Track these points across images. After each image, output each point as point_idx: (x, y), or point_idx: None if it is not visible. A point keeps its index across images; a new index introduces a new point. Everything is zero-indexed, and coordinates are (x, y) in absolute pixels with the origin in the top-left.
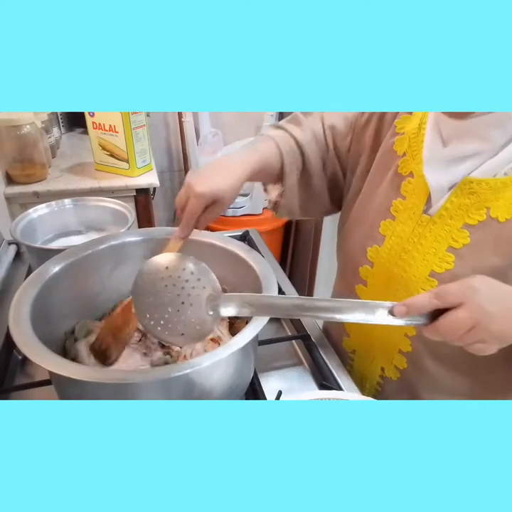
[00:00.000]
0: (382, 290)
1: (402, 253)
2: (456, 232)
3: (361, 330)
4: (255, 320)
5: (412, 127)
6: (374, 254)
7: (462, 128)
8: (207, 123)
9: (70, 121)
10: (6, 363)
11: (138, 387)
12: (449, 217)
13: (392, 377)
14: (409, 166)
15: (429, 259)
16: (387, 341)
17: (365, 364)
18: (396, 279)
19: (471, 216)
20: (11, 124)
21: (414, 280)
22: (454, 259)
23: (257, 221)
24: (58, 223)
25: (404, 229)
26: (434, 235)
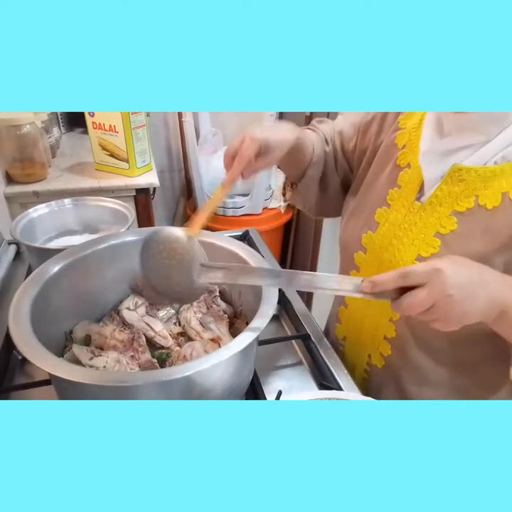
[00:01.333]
0: (372, 275)
1: (393, 239)
2: (444, 218)
3: (352, 316)
4: (256, 321)
5: (413, 122)
6: (368, 241)
7: (463, 122)
8: (207, 123)
9: (70, 121)
10: (6, 362)
11: (138, 389)
12: (438, 204)
13: (377, 364)
14: (407, 158)
15: (416, 244)
16: (374, 327)
17: (354, 351)
18: (386, 264)
19: (459, 203)
20: (11, 124)
21: (402, 264)
22: (439, 244)
23: (257, 221)
24: (58, 223)
25: (397, 216)
26: (424, 222)
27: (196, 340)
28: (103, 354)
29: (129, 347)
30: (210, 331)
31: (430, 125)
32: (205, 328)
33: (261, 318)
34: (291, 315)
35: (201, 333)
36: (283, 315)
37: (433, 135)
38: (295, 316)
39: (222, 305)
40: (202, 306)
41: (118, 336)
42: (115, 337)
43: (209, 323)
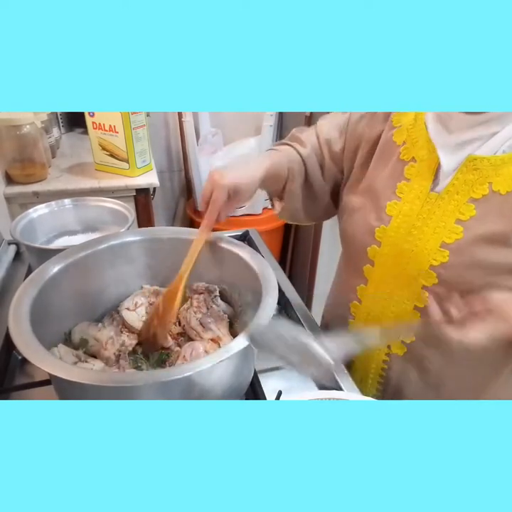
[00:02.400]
0: (390, 268)
1: (412, 229)
2: (463, 206)
3: (368, 310)
4: (256, 321)
5: (408, 119)
6: (381, 234)
7: (471, 120)
8: (207, 123)
9: (70, 121)
10: (6, 363)
11: (138, 389)
12: (455, 192)
13: (398, 352)
14: (411, 153)
15: (439, 232)
16: (395, 318)
17: None
18: (406, 254)
19: (475, 191)
20: (11, 124)
21: (426, 253)
22: (462, 230)
23: (257, 221)
24: (58, 223)
25: (413, 207)
26: (443, 210)
27: (196, 340)
28: (89, 361)
29: (115, 363)
30: (210, 331)
31: (433, 122)
32: (205, 329)
33: (261, 318)
34: (291, 315)
35: (201, 333)
36: (283, 315)
37: (440, 130)
38: (295, 316)
39: (222, 305)
40: (202, 306)
41: (110, 348)
42: (108, 348)
43: (209, 324)
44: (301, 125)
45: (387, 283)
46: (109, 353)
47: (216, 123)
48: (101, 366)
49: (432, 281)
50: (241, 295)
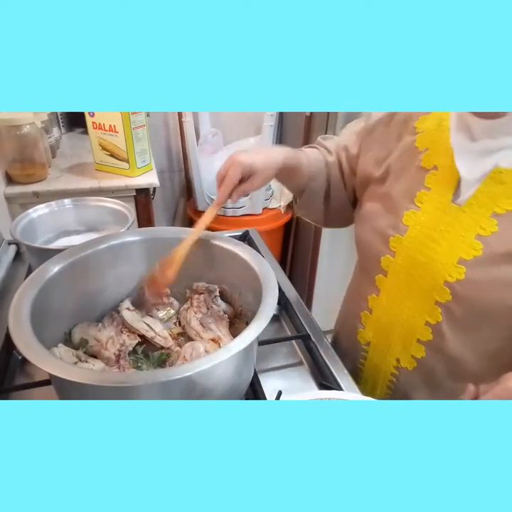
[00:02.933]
0: (403, 280)
1: (429, 241)
2: (484, 220)
3: (378, 321)
4: (256, 321)
5: (430, 125)
6: (396, 244)
7: (492, 127)
8: (207, 123)
9: (70, 121)
10: (6, 363)
11: (138, 389)
12: (478, 206)
13: (407, 367)
14: (432, 160)
15: (457, 247)
16: (406, 332)
17: (380, 356)
18: (420, 266)
19: (499, 205)
20: (11, 124)
21: (442, 267)
22: (482, 247)
23: (257, 221)
24: (58, 223)
25: (431, 218)
26: (463, 224)
27: (196, 340)
28: (89, 361)
29: (115, 363)
30: (210, 331)
31: (456, 129)
32: (205, 329)
33: (261, 318)
34: (291, 315)
35: (201, 333)
36: (283, 315)
37: (462, 138)
38: (295, 316)
39: (222, 305)
40: (202, 306)
41: (111, 348)
42: (108, 348)
43: (209, 324)
44: (301, 125)
45: (399, 295)
46: (110, 353)
47: (216, 123)
48: (101, 366)
49: (446, 298)
50: (241, 295)
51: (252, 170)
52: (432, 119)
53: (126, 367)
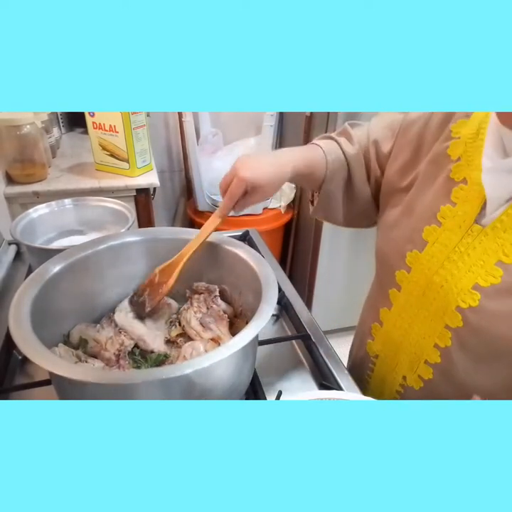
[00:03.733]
0: (416, 298)
1: (446, 262)
2: (508, 246)
3: (388, 335)
4: (255, 320)
5: (468, 132)
6: (413, 260)
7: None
8: (207, 123)
9: (70, 121)
10: (6, 362)
11: (138, 387)
12: (503, 229)
13: (414, 386)
14: (463, 172)
15: (474, 271)
16: (414, 351)
17: (387, 370)
18: (435, 288)
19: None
20: (11, 124)
21: (456, 291)
22: (501, 274)
23: (257, 221)
24: (58, 223)
25: (451, 237)
26: (484, 247)
27: (196, 340)
28: (89, 361)
29: (115, 363)
30: (210, 331)
31: (492, 141)
32: (205, 328)
33: (260, 317)
34: (291, 315)
35: (201, 333)
36: (283, 315)
37: (495, 152)
38: (295, 316)
39: (222, 305)
40: (202, 306)
41: (110, 348)
42: (108, 349)
43: (209, 323)
44: (301, 125)
45: (411, 312)
46: (110, 353)
47: (216, 123)
48: (101, 366)
49: (457, 324)
50: (241, 295)
51: (255, 186)
52: (471, 124)
53: (126, 367)
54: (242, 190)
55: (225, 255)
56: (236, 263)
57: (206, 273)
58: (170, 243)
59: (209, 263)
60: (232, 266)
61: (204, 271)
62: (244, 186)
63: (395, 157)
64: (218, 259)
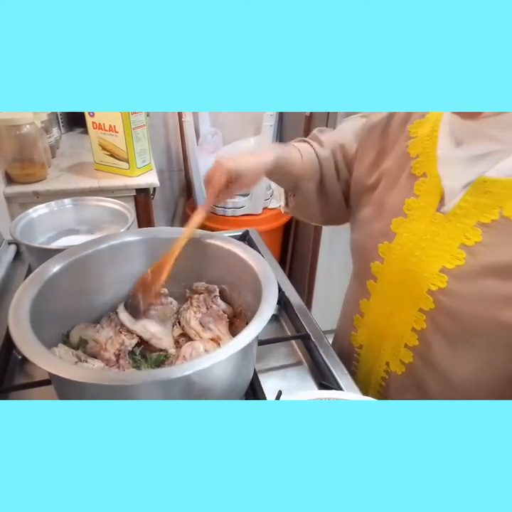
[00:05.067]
0: (392, 286)
1: (415, 250)
2: (469, 230)
3: (370, 325)
4: (255, 321)
5: (424, 131)
6: (385, 251)
7: (474, 129)
8: (207, 123)
9: (70, 121)
10: (6, 362)
11: (137, 388)
12: (462, 215)
13: (397, 371)
14: (422, 167)
15: (441, 256)
16: (395, 336)
17: (372, 358)
18: (407, 275)
19: (484, 215)
20: (11, 124)
21: (426, 276)
22: (465, 256)
23: (257, 221)
24: (58, 223)
25: (418, 226)
26: (448, 233)
27: (196, 340)
28: (89, 361)
29: (115, 363)
30: (209, 331)
31: (445, 134)
32: (204, 328)
33: (261, 318)
34: (291, 315)
35: (201, 333)
36: (283, 315)
37: (449, 144)
38: (295, 316)
39: (222, 305)
40: (201, 306)
41: (110, 348)
42: (108, 349)
43: (209, 323)
44: (301, 125)
45: (389, 300)
46: (109, 353)
47: (216, 123)
48: (101, 366)
49: (429, 306)
50: (241, 295)
51: (235, 175)
52: (426, 124)
53: (126, 367)
54: (224, 178)
55: (225, 255)
56: (236, 263)
57: (206, 273)
58: (169, 243)
59: (209, 263)
60: (232, 266)
61: (204, 271)
62: (227, 174)
63: (360, 159)
64: (218, 259)
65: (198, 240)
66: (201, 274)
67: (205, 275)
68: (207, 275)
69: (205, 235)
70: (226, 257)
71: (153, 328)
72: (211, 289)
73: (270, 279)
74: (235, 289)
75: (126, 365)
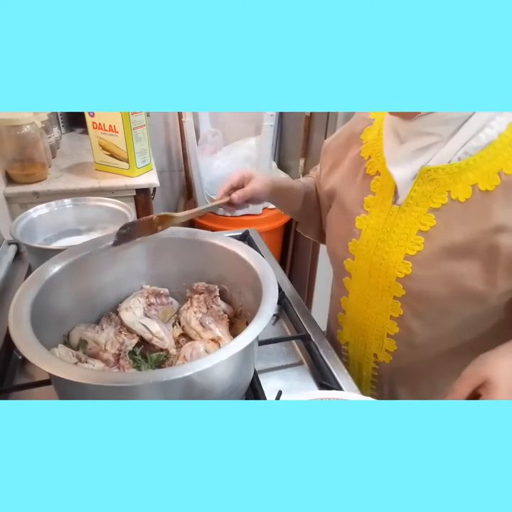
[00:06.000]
0: (365, 280)
1: (379, 242)
2: (423, 216)
3: (352, 321)
4: (256, 321)
5: (373, 135)
6: (354, 248)
7: (413, 127)
8: (207, 123)
9: (70, 121)
10: (6, 362)
11: (138, 389)
12: (415, 204)
13: (385, 361)
14: (375, 167)
15: (402, 244)
16: (376, 327)
17: (359, 353)
18: (376, 267)
19: (434, 201)
20: (11, 124)
21: (392, 265)
22: (423, 241)
23: (257, 221)
24: (58, 223)
25: (378, 221)
26: (405, 222)
27: (196, 340)
28: (89, 362)
29: (115, 363)
30: (210, 331)
31: (389, 135)
32: (205, 328)
33: (261, 318)
34: (291, 315)
35: (201, 333)
36: (283, 315)
37: (392, 143)
38: (295, 316)
39: (222, 305)
40: (202, 306)
41: (110, 349)
42: (107, 350)
43: (209, 323)
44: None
45: (365, 294)
46: (109, 354)
47: (216, 123)
48: (101, 366)
49: (401, 293)
50: (241, 295)
51: (248, 176)
52: (374, 129)
53: (127, 367)
54: (238, 177)
55: (225, 255)
56: (236, 263)
57: (206, 273)
58: (170, 243)
59: (209, 263)
60: (233, 266)
61: (204, 271)
62: (242, 173)
63: (322, 173)
64: (218, 259)
65: (198, 240)
66: (201, 274)
67: (206, 275)
68: (207, 275)
69: (205, 234)
70: (226, 257)
71: (154, 328)
72: (211, 289)
73: (270, 279)
74: (235, 289)
75: (126, 366)
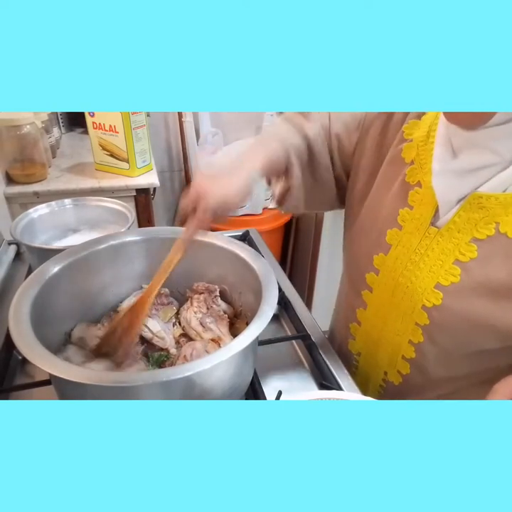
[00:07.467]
0: (387, 298)
1: (409, 263)
2: (463, 245)
3: (367, 334)
4: (256, 321)
5: (420, 134)
6: (380, 262)
7: (472, 139)
8: (207, 123)
9: (70, 121)
10: (6, 362)
11: (138, 389)
12: (457, 230)
13: (394, 381)
14: (417, 176)
15: (435, 271)
16: (391, 347)
17: (369, 367)
18: (401, 288)
19: (479, 230)
20: (11, 124)
21: (420, 291)
22: (459, 273)
23: (257, 221)
24: (58, 223)
25: (411, 239)
26: (441, 248)
27: (196, 340)
28: (97, 360)
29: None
30: (210, 331)
31: (441, 142)
32: (205, 329)
33: (261, 318)
34: (291, 315)
35: (201, 333)
36: (283, 315)
37: (444, 154)
38: (295, 316)
39: (223, 305)
40: (202, 306)
41: None
42: None
43: (209, 324)
44: None
45: (384, 311)
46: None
47: (216, 123)
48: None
49: (424, 321)
50: (241, 295)
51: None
52: (422, 126)
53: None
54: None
55: (225, 255)
56: (236, 263)
57: (206, 273)
58: (170, 243)
59: (209, 263)
60: (233, 266)
61: (204, 271)
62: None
63: (357, 162)
64: (218, 259)
65: (198, 240)
66: (202, 274)
67: (206, 275)
68: (207, 275)
69: (205, 235)
70: (226, 257)
71: (155, 327)
72: (212, 289)
73: (271, 280)
74: (235, 289)
75: (137, 358)
